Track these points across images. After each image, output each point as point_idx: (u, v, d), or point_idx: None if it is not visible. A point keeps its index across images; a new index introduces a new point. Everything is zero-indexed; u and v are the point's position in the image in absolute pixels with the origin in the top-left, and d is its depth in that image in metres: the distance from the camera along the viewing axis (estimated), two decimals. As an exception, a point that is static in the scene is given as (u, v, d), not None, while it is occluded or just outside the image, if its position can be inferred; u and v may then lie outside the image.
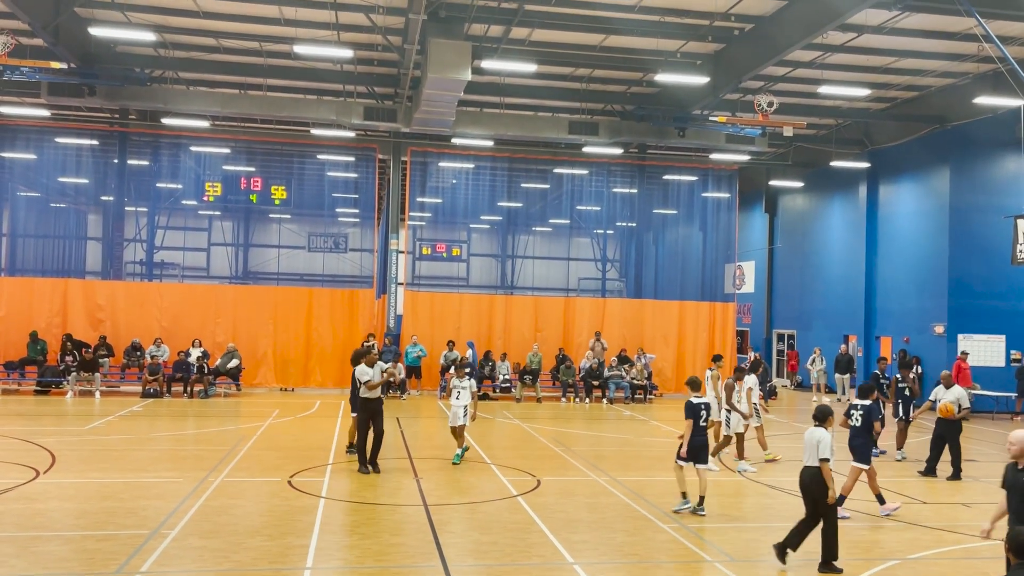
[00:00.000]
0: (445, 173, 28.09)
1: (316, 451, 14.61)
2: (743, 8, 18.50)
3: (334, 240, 27.71)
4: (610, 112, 25.88)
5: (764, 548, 9.34)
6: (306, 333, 24.93)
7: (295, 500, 10.86)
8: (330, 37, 20.47)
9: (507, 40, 19.91)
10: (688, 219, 29.70)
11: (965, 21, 17.51)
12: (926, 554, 9.25)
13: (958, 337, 24.22)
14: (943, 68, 21.99)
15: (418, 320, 25.45)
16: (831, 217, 30.65)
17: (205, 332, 24.12)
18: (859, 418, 11.24)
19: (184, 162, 26.88)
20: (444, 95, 20.02)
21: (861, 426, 11.18)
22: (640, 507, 10.97)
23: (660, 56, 20.77)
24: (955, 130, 24.26)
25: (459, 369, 14.36)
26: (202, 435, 16.60)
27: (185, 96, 23.57)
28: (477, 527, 9.74)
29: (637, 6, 18.41)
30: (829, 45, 20.09)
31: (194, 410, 20.02)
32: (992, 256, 23.44)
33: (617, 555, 8.85)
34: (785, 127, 21.48)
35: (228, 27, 20.69)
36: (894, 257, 27.01)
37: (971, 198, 24.38)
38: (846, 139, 28.12)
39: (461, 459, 13.73)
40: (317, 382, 24.85)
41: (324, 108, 23.71)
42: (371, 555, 8.57)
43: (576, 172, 28.82)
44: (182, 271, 31.37)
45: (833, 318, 29.70)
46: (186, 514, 9.88)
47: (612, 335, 26.46)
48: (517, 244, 35.59)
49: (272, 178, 27.18)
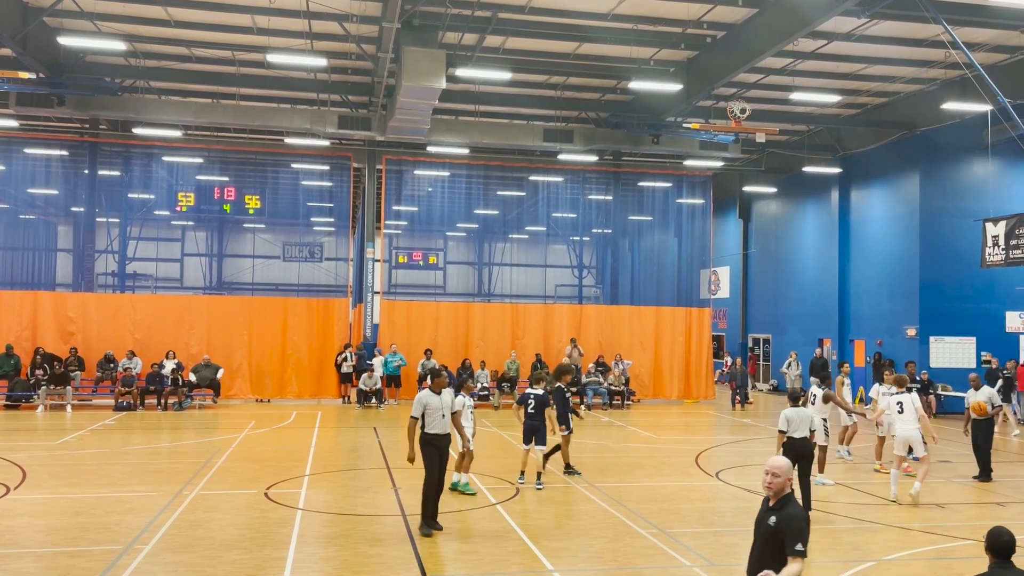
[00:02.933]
0: (420, 181, 28.06)
1: (293, 462, 14.47)
2: (715, 16, 18.66)
3: (309, 249, 27.53)
4: (584, 120, 25.99)
5: (744, 552, 9.38)
6: (282, 343, 24.73)
7: (272, 512, 10.74)
8: (303, 46, 20.38)
9: (481, 48, 19.96)
10: (663, 225, 29.87)
11: (932, 28, 17.79)
12: (902, 555, 9.33)
13: (930, 339, 24.56)
14: (911, 74, 22.33)
15: (395, 329, 25.34)
16: (804, 222, 30.97)
17: (179, 344, 23.84)
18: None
19: (156, 172, 26.60)
20: (418, 103, 19.99)
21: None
22: (619, 513, 10.97)
23: (633, 64, 20.92)
24: (924, 135, 24.63)
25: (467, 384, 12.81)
26: (177, 448, 16.39)
27: (157, 105, 23.35)
28: (456, 536, 9.69)
29: (610, 14, 18.52)
30: (800, 52, 20.32)
31: (168, 423, 19.77)
32: (961, 259, 23.82)
33: (596, 562, 8.84)
34: (758, 133, 21.71)
35: (200, 36, 20.55)
36: (866, 261, 27.34)
37: (940, 202, 24.77)
38: (818, 145, 28.45)
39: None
40: (293, 393, 24.65)
41: (298, 117, 23.60)
42: (349, 567, 8.49)
43: (551, 179, 28.90)
44: (155, 282, 31.01)
45: (807, 322, 29.99)
46: (160, 528, 9.74)
47: (589, 341, 26.53)
48: (494, 252, 35.62)
49: (246, 188, 26.97)
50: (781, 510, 5.22)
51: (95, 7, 18.38)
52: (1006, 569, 4.93)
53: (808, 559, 9.15)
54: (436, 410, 9.91)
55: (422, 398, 9.97)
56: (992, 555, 5.00)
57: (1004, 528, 5.02)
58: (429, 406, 9.91)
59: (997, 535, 4.98)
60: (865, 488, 13.02)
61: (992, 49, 19.92)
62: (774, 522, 5.18)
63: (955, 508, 11.70)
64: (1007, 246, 20.71)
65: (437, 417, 9.91)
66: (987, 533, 5.05)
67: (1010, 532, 4.97)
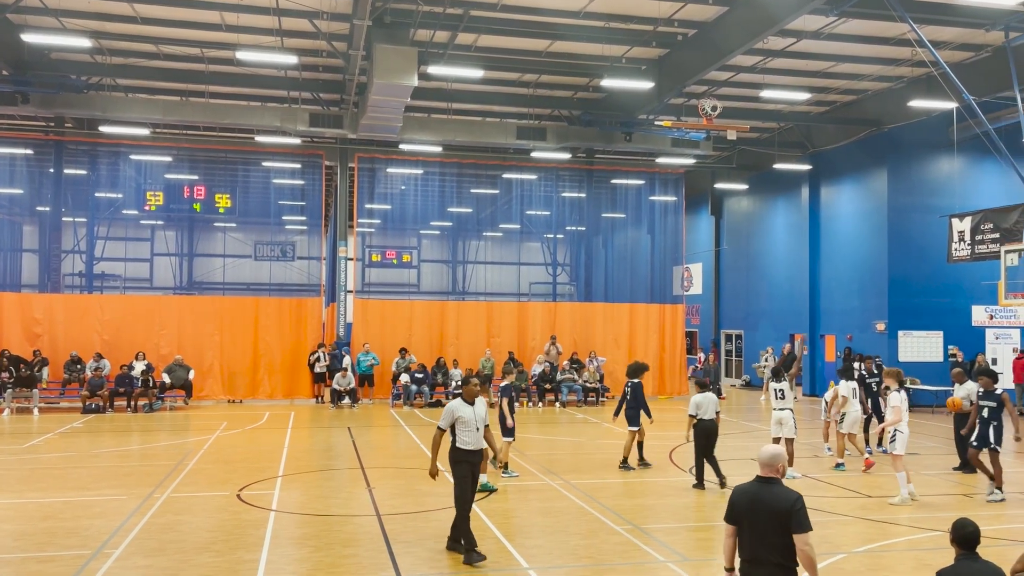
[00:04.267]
0: (393, 179, 27.94)
1: (266, 463, 14.36)
2: (686, 14, 18.77)
3: (281, 248, 27.30)
4: (557, 117, 26.03)
5: (717, 546, 9.46)
6: (254, 344, 24.51)
7: (244, 514, 10.64)
8: (274, 43, 20.20)
9: (453, 46, 19.91)
10: (636, 222, 30.02)
11: (899, 27, 18.04)
12: (872, 547, 9.46)
13: (898, 334, 24.92)
14: (879, 72, 22.62)
15: (368, 328, 25.23)
16: (775, 219, 31.28)
17: (149, 344, 23.55)
18: None
19: (124, 171, 26.21)
20: (391, 101, 19.90)
21: None
22: (594, 510, 11.01)
23: (605, 62, 20.99)
24: (891, 133, 24.97)
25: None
26: (147, 450, 16.20)
27: (124, 103, 23.02)
28: (431, 536, 9.67)
29: (582, 12, 18.56)
30: (770, 50, 20.51)
31: (138, 425, 19.53)
32: (929, 255, 24.21)
33: (571, 559, 8.87)
34: (729, 131, 21.88)
35: (168, 33, 20.28)
36: (836, 257, 27.67)
37: (908, 199, 25.13)
38: (788, 142, 28.73)
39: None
40: (266, 393, 24.45)
41: (269, 115, 23.37)
42: (323, 568, 8.44)
43: (525, 177, 28.91)
44: (123, 282, 30.58)
45: (779, 318, 30.30)
46: (130, 532, 9.61)
47: (564, 338, 26.61)
48: (468, 250, 35.57)
49: (216, 186, 26.68)
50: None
51: (60, 3, 18.08)
52: (972, 560, 5.02)
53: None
54: (469, 423, 8.88)
55: (454, 408, 8.91)
56: (958, 547, 5.08)
57: (968, 520, 5.11)
58: (462, 418, 8.87)
59: (962, 527, 5.07)
60: (834, 481, 13.18)
61: (957, 47, 20.24)
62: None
63: (925, 500, 11.88)
64: (973, 241, 21.09)
65: (471, 430, 8.89)
66: (952, 525, 5.14)
67: (974, 523, 5.06)
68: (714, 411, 12.47)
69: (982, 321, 25.00)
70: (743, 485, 5.52)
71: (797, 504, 5.18)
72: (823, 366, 27.99)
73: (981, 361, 23.32)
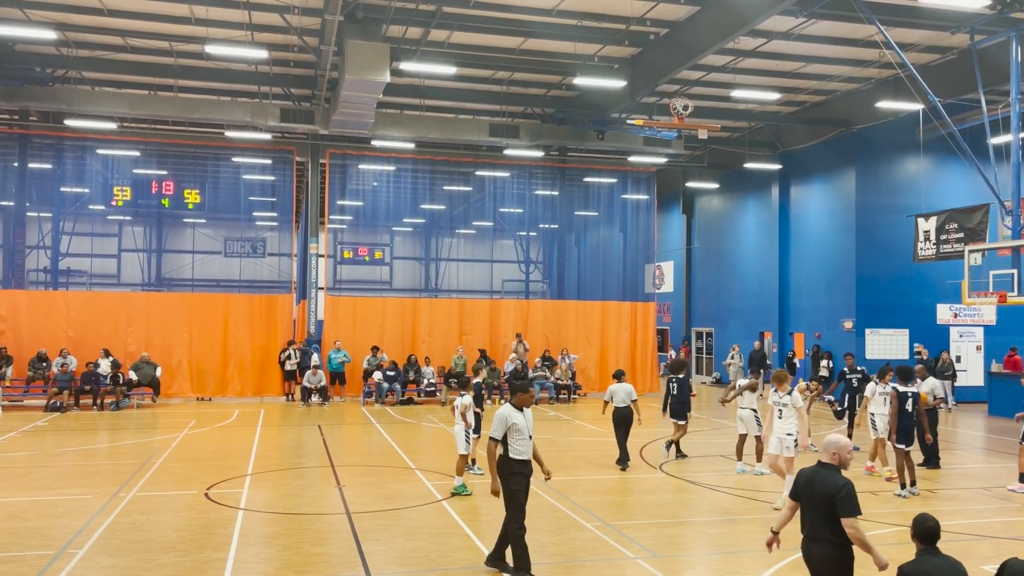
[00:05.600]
0: (365, 175, 27.78)
1: (234, 461, 14.22)
2: (658, 13, 18.87)
3: (251, 244, 27.03)
4: (530, 115, 26.05)
5: (685, 543, 9.55)
6: (223, 341, 24.27)
7: (212, 513, 10.54)
8: (244, 37, 19.99)
9: (426, 42, 19.84)
10: (608, 220, 30.14)
11: (867, 28, 18.28)
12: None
13: (866, 331, 25.27)
14: (847, 73, 22.90)
15: (340, 325, 25.08)
16: (745, 217, 31.56)
17: (116, 342, 23.23)
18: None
19: (90, 165, 25.81)
20: (362, 97, 19.80)
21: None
22: (564, 507, 11.05)
23: (578, 60, 21.04)
24: (860, 133, 25.29)
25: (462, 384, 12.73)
26: (113, 449, 15.98)
27: (90, 97, 22.65)
28: (401, 533, 9.64)
29: (555, 10, 18.58)
30: (740, 50, 20.68)
31: (105, 423, 19.25)
32: (895, 254, 24.57)
33: (541, 555, 8.88)
34: (700, 130, 22.03)
35: (135, 26, 19.98)
36: (805, 256, 27.99)
37: (875, 198, 25.48)
38: (758, 142, 29.00)
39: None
40: (236, 391, 24.22)
41: (239, 110, 23.13)
42: (292, 566, 8.39)
43: (498, 175, 28.90)
44: (90, 278, 30.14)
45: (749, 315, 30.58)
46: (95, 532, 9.48)
47: (536, 336, 26.64)
48: (440, 247, 35.48)
49: (185, 182, 26.34)
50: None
51: (24, -6, 17.76)
52: (932, 555, 5.12)
53: (741, 549, 9.42)
54: (523, 430, 8.11)
55: (507, 416, 8.08)
56: (919, 541, 5.19)
57: (928, 515, 5.22)
58: (515, 426, 8.07)
59: (922, 522, 5.18)
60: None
61: (923, 49, 20.55)
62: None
63: (886, 495, 12.06)
64: (938, 241, 21.44)
65: (524, 438, 8.13)
66: (913, 520, 5.25)
67: (934, 519, 5.16)
68: (628, 400, 13.87)
69: (947, 319, 25.43)
70: (806, 468, 6.04)
71: (843, 491, 5.62)
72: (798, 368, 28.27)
73: (945, 358, 23.73)
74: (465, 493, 11.67)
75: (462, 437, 11.96)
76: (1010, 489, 12.45)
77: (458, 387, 12.73)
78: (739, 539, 9.71)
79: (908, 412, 12.21)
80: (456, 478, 11.84)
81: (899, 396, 12.27)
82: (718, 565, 8.76)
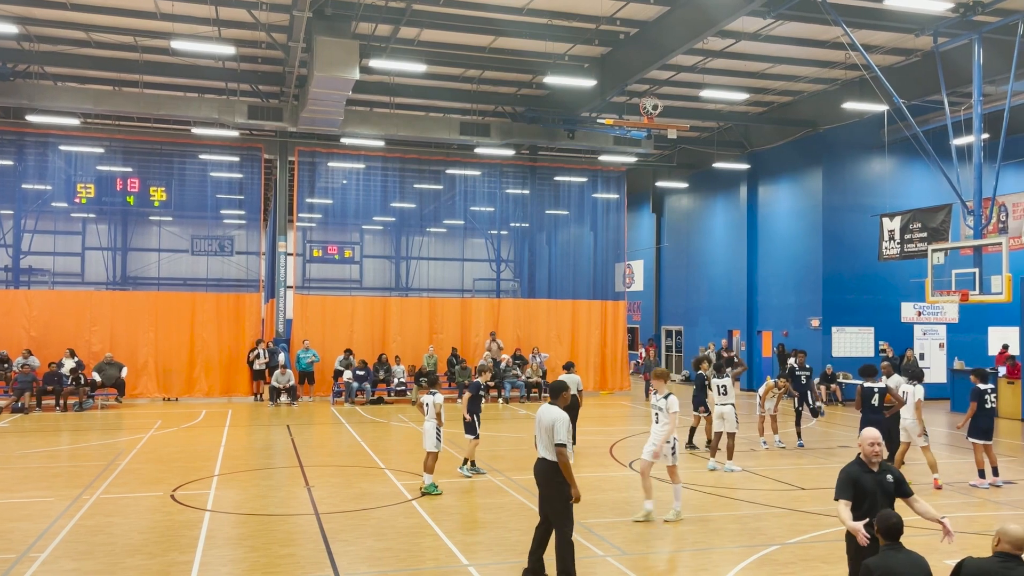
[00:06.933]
0: (335, 173, 27.57)
1: (201, 462, 14.04)
2: (628, 13, 18.95)
3: (219, 243, 26.70)
4: (501, 114, 26.03)
5: (655, 540, 9.59)
6: (190, 340, 23.96)
7: (178, 515, 10.39)
8: (210, 33, 19.73)
9: (396, 39, 19.73)
10: (579, 219, 30.23)
11: (833, 30, 18.51)
12: (804, 538, 9.70)
13: (832, 329, 25.60)
14: (814, 74, 23.17)
15: (308, 324, 24.87)
16: (714, 217, 31.82)
17: (80, 341, 22.83)
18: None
19: (53, 162, 25.33)
20: (332, 94, 19.64)
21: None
22: (534, 505, 11.00)
23: (548, 59, 21.06)
24: (826, 133, 25.61)
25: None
26: (77, 450, 15.69)
27: (53, 92, 22.23)
28: (371, 534, 9.58)
29: (525, 8, 18.58)
30: (709, 51, 20.84)
31: (68, 424, 18.92)
32: (861, 253, 24.92)
33: (511, 554, 8.88)
34: (669, 130, 22.16)
35: (99, 20, 19.65)
36: (773, 255, 28.29)
37: (841, 198, 25.82)
38: (727, 141, 29.26)
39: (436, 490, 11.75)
40: (203, 391, 23.93)
41: (206, 106, 22.84)
42: (259, 568, 8.29)
43: (469, 173, 28.85)
44: (52, 277, 29.57)
45: (718, 314, 30.84)
46: (58, 535, 9.30)
47: (507, 335, 26.63)
48: (411, 245, 35.33)
49: (150, 179, 25.92)
50: (890, 470, 6.23)
51: (-17, -14, 17.38)
52: (896, 550, 5.22)
53: (711, 546, 9.50)
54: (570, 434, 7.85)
55: (567, 420, 7.76)
56: (883, 537, 5.28)
57: (892, 511, 5.33)
58: (569, 430, 7.78)
59: (885, 518, 5.29)
60: (770, 475, 13.48)
61: (888, 52, 20.86)
62: (891, 479, 6.15)
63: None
64: (902, 240, 21.78)
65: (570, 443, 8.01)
66: (877, 517, 5.34)
67: (898, 515, 5.27)
68: (576, 389, 14.69)
69: (911, 317, 25.84)
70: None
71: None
72: (760, 362, 28.60)
73: (910, 356, 24.10)
74: (435, 492, 11.62)
75: (432, 435, 11.89)
76: (972, 484, 12.69)
77: (428, 385, 12.65)
78: (709, 536, 9.78)
79: (874, 407, 12.38)
80: (425, 476, 11.79)
81: (863, 391, 12.45)
82: (687, 562, 8.82)
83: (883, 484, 6.11)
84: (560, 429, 7.61)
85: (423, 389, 12.57)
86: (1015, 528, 4.90)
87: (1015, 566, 4.78)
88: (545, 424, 7.76)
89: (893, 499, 6.11)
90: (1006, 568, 4.78)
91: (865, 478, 6.13)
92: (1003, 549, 4.88)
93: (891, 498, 6.09)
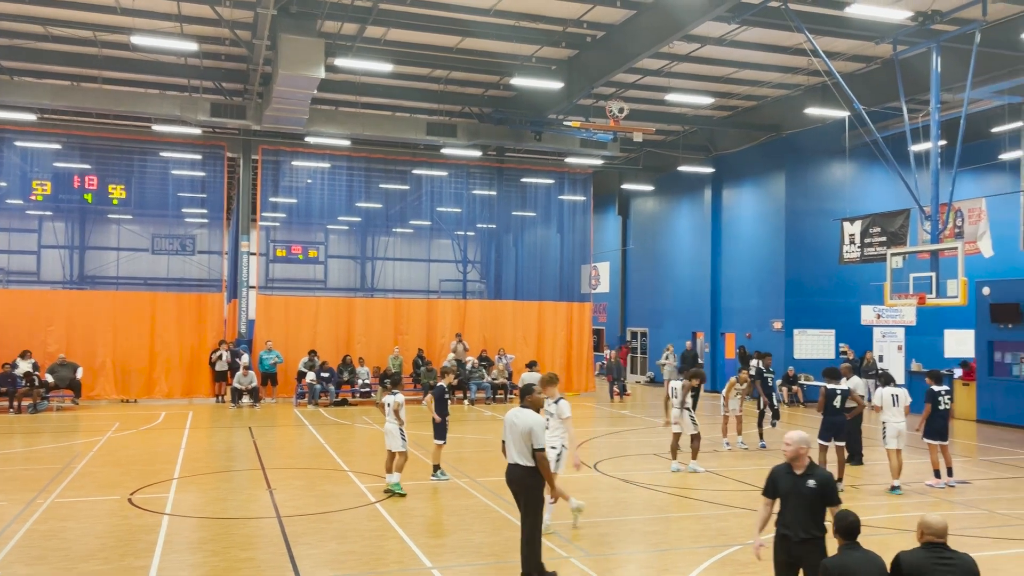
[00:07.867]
0: (299, 173, 27.29)
1: (160, 465, 13.80)
2: (594, 16, 19.02)
3: (180, 242, 26.27)
4: (468, 114, 25.97)
5: (618, 541, 9.62)
6: (150, 341, 23.55)
7: (136, 519, 10.20)
8: (173, 29, 19.43)
9: (362, 38, 19.59)
10: (546, 221, 30.28)
11: (796, 36, 18.75)
12: (765, 537, 9.76)
13: (794, 332, 25.94)
14: (778, 80, 23.46)
15: (272, 325, 24.58)
16: (679, 219, 32.08)
17: (35, 342, 22.32)
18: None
19: (7, 158, 24.70)
20: (296, 93, 19.45)
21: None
22: (499, 507, 11.03)
23: (516, 60, 21.06)
24: (789, 138, 25.95)
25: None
26: (31, 453, 15.34)
27: (8, 87, 21.71)
28: (333, 537, 9.49)
29: (492, 9, 18.55)
30: (675, 55, 20.99)
31: (22, 427, 18.49)
32: (822, 256, 25.27)
33: (475, 556, 8.86)
34: (635, 133, 22.30)
35: (57, 14, 19.21)
36: (737, 258, 28.59)
37: (804, 202, 26.18)
38: (692, 145, 29.50)
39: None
40: (163, 392, 23.53)
41: (167, 103, 22.47)
42: (219, 572, 8.17)
43: (435, 174, 28.75)
44: (6, 276, 28.87)
45: (683, 316, 31.08)
46: (10, 540, 9.08)
47: (473, 336, 26.59)
48: (377, 246, 35.03)
49: (109, 176, 25.42)
50: (813, 475, 6.14)
51: (-64, -23, 16.91)
52: (853, 549, 5.31)
53: (674, 546, 9.55)
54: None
55: (543, 422, 7.94)
56: (840, 537, 5.36)
57: (849, 511, 5.41)
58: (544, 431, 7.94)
59: (843, 518, 5.38)
60: (733, 475, 13.61)
61: (849, 58, 21.18)
62: (814, 484, 6.07)
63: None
64: (862, 244, 22.14)
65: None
66: (834, 516, 5.43)
67: (855, 514, 5.35)
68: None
69: (870, 320, 26.26)
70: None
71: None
72: (723, 363, 28.87)
73: (869, 358, 24.49)
74: (399, 492, 11.55)
75: (396, 435, 11.80)
76: (928, 484, 12.92)
77: (391, 387, 12.56)
78: (671, 537, 9.84)
79: (836, 408, 12.56)
80: (390, 476, 11.69)
81: (827, 393, 12.62)
82: (651, 562, 8.86)
83: (800, 487, 6.09)
84: (539, 433, 7.65)
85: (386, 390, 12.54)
86: (935, 517, 5.21)
87: (942, 551, 5.10)
88: (521, 430, 7.72)
89: (820, 505, 6.06)
90: (937, 555, 5.07)
91: (785, 478, 6.23)
92: (928, 539, 5.16)
93: (812, 503, 6.04)
